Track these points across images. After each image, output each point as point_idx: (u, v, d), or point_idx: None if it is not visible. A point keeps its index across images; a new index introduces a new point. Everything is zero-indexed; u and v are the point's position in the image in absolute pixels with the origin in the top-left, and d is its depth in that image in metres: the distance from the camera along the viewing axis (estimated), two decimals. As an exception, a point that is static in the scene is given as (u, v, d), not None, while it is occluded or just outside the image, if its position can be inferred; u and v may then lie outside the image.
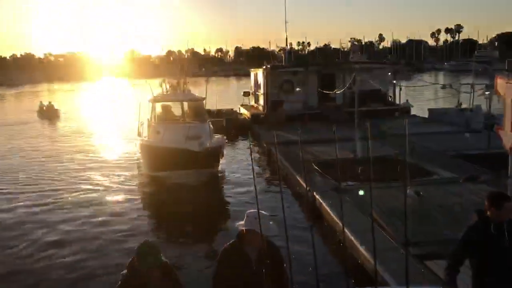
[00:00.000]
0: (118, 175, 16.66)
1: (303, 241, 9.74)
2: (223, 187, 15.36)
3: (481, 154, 15.23)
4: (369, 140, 14.94)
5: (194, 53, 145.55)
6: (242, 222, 3.99)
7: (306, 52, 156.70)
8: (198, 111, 16.73)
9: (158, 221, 12.21)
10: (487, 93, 18.46)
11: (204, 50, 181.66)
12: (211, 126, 15.77)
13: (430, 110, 26.72)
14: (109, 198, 14.02)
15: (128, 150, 21.39)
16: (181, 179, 14.01)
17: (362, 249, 7.84)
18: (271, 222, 3.96)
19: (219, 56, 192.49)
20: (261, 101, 29.81)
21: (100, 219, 11.94)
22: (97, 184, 15.54)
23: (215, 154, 14.42)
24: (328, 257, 8.87)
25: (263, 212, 3.75)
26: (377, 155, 15.43)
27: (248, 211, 3.99)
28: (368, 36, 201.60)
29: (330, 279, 7.54)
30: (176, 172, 14.16)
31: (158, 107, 16.79)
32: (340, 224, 8.98)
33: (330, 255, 9.10)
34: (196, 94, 17.76)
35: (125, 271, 3.88)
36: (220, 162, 15.64)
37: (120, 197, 14.13)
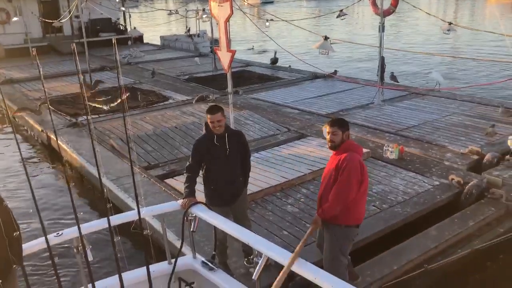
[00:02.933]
0: None
1: (43, 184, 9.14)
2: None
3: (209, 76, 16.65)
4: (89, 73, 14.50)
5: None
6: None
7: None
8: None
9: None
10: (204, 16, 19.84)
11: None
12: None
13: (162, 38, 27.34)
14: None
15: None
16: None
17: (104, 179, 7.78)
18: None
19: None
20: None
21: None
22: None
23: None
24: (66, 192, 8.55)
25: None
26: (114, 85, 15.16)
27: None
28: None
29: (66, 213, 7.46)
30: None
31: None
32: (79, 159, 8.64)
33: (75, 189, 8.84)
34: None
35: None
36: None
37: None
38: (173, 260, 4.07)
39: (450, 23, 12.12)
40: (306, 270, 3.14)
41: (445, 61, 21.56)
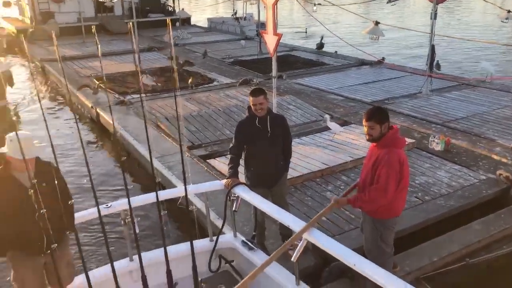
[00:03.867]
0: None
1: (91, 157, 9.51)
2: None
3: (254, 59, 16.67)
4: (138, 52, 14.80)
5: None
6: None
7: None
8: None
9: None
10: (252, -1, 19.81)
11: None
12: None
13: (209, 20, 27.54)
14: None
15: None
16: None
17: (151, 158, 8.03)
18: (37, 143, 3.62)
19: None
20: (28, 13, 26.11)
21: None
22: None
23: None
24: (116, 169, 8.87)
25: (25, 132, 3.46)
26: (162, 66, 15.50)
27: (8, 134, 3.54)
28: None
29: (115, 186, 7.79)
30: None
31: None
32: (126, 136, 8.95)
33: (122, 167, 9.15)
34: None
35: None
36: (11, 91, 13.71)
37: None
38: (214, 238, 4.20)
39: (509, 11, 11.56)
40: (318, 240, 3.27)
41: (501, 50, 20.57)
